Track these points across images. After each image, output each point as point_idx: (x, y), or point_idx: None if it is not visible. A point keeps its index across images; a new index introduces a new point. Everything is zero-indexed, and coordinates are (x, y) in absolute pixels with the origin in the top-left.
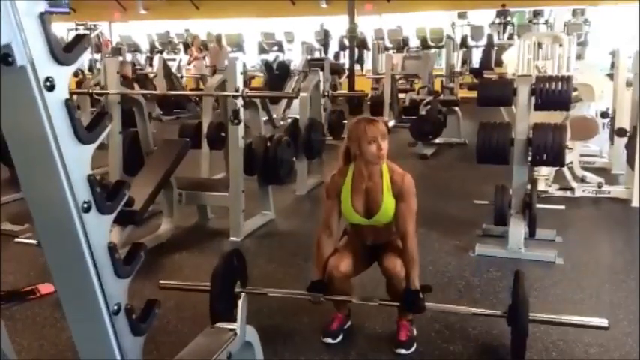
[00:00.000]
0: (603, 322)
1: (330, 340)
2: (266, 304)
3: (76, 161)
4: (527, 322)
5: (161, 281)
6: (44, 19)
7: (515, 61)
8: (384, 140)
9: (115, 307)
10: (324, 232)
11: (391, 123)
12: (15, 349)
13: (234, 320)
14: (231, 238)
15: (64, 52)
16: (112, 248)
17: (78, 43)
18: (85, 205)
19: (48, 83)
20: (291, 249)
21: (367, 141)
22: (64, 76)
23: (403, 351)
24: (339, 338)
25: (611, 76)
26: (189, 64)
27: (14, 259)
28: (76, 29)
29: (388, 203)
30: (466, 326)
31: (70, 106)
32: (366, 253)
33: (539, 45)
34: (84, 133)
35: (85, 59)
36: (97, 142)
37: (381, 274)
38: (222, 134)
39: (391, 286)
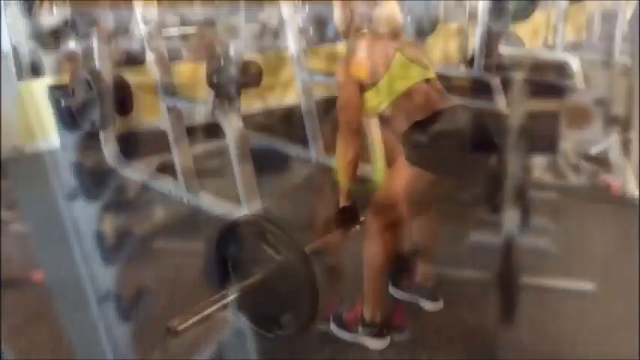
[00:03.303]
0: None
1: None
2: None
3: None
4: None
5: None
6: None
7: None
8: None
9: (104, 294)
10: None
11: None
12: (9, 335)
13: None
14: None
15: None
16: (100, 235)
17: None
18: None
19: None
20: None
21: None
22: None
23: (396, 335)
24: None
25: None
26: None
27: (8, 245)
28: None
29: None
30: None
31: None
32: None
33: None
34: None
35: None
36: None
37: None
38: None
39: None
